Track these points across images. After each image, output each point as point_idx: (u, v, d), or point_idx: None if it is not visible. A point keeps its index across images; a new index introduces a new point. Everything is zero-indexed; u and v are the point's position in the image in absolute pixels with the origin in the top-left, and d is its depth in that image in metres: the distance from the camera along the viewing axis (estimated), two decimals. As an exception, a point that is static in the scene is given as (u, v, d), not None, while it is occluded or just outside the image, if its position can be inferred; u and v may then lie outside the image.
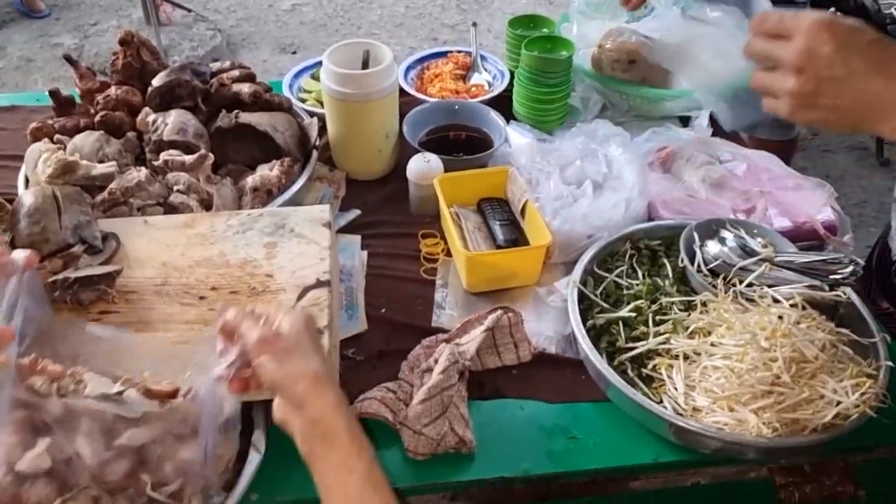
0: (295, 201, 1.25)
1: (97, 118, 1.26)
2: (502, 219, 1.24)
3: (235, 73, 1.38)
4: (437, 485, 0.93)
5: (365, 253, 1.24)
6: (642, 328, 1.04)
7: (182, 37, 3.78)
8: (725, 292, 1.06)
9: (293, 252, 1.05)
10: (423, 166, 1.27)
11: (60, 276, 0.95)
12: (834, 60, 0.72)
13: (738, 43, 1.49)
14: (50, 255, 1.00)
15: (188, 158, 1.21)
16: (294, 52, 3.85)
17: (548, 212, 1.19)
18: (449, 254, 1.24)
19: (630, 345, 1.03)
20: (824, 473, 0.97)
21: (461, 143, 1.42)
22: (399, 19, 4.14)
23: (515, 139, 1.36)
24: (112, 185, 1.14)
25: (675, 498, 1.01)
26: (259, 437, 0.90)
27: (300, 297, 0.99)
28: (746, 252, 1.10)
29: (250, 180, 1.22)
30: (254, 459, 0.87)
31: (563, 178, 1.26)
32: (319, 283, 1.00)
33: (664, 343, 1.02)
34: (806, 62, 0.74)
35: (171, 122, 1.26)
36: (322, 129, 1.37)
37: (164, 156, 1.22)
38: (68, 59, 1.39)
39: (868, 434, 0.94)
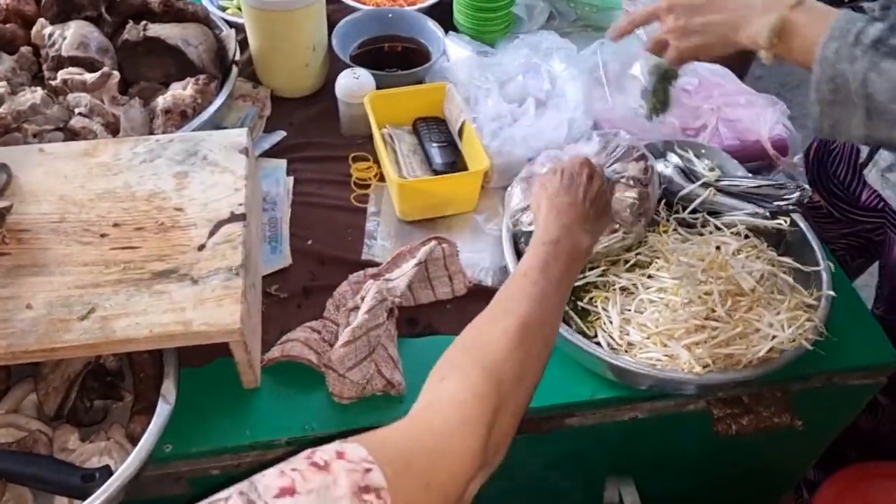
0: (213, 123, 1.15)
1: (-16, 32, 1.13)
2: (439, 140, 1.16)
3: (143, -22, 1.24)
4: (367, 429, 0.89)
5: (291, 179, 1.15)
6: (581, 259, 0.99)
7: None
8: (667, 220, 1.02)
9: (206, 182, 0.96)
10: (353, 83, 1.17)
11: (-60, 216, 0.86)
12: (690, 13, 0.84)
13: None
14: (-70, 191, 0.91)
15: (90, 77, 1.09)
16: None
17: (486, 133, 1.11)
18: (382, 179, 1.16)
19: (567, 277, 0.98)
20: (762, 404, 0.95)
21: (396, 56, 1.32)
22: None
23: (454, 52, 1.26)
24: (1, 110, 1.02)
25: (612, 432, 0.98)
26: (169, 388, 0.84)
27: (212, 233, 0.91)
28: (691, 176, 1.05)
29: (161, 101, 1.11)
30: (163, 411, 0.82)
31: (504, 96, 1.17)
32: (234, 217, 0.92)
33: (602, 276, 0.98)
34: (670, 3, 0.86)
35: (71, 35, 1.13)
36: (243, 43, 1.26)
37: (62, 74, 1.10)
38: (-50, -39, 1.23)
39: (805, 364, 0.91)
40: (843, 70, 0.73)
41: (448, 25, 1.35)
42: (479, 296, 1.02)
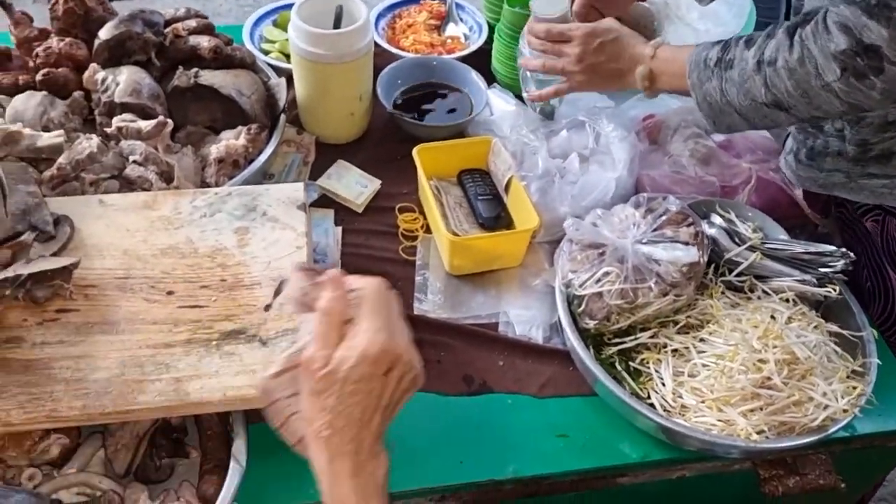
0: (262, 171, 1.16)
1: (39, 77, 1.13)
2: (484, 193, 1.18)
3: (192, 23, 1.25)
4: (425, 489, 0.91)
5: (339, 229, 1.17)
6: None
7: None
8: (715, 283, 1.04)
9: (267, 239, 0.97)
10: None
11: (11, 273, 0.86)
12: (596, 53, 1.10)
13: (727, 5, 1.44)
14: (-4, 245, 0.91)
15: (144, 125, 1.10)
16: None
17: (533, 190, 1.13)
18: (428, 230, 1.18)
19: (616, 340, 1.01)
20: (807, 466, 0.98)
21: (438, 104, 1.34)
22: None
23: (498, 104, 1.29)
24: (61, 160, 1.03)
25: (660, 491, 1.01)
26: (240, 449, 0.85)
27: (277, 292, 0.92)
28: (735, 238, 1.07)
29: (214, 150, 1.13)
30: (235, 473, 0.83)
31: (549, 150, 1.20)
32: (298, 276, 0.94)
33: (653, 338, 1.00)
34: (582, 56, 1.11)
35: (124, 81, 1.14)
36: (289, 86, 1.27)
37: (117, 122, 1.11)
38: (1, 2, 1.24)
39: (851, 428, 0.94)
40: (708, 89, 0.99)
41: (486, 72, 1.38)
42: (530, 352, 1.04)
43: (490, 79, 1.37)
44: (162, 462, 0.87)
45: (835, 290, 1.00)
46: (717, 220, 1.10)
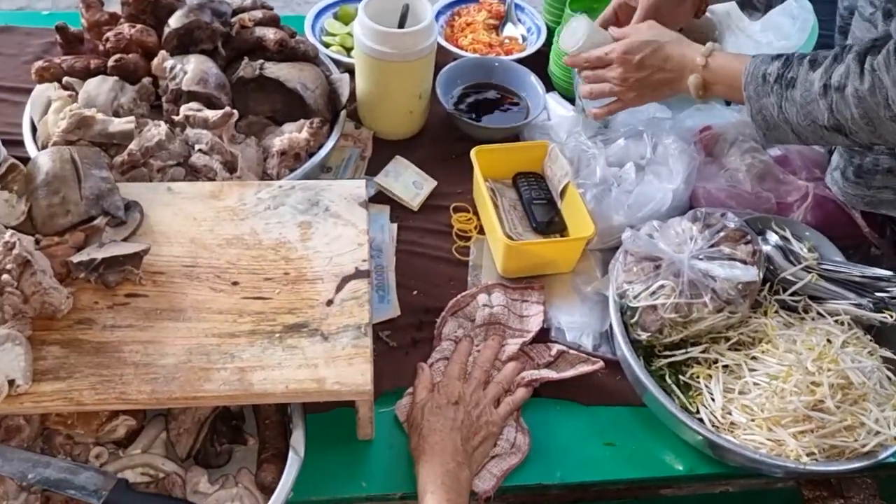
0: (321, 164, 1.18)
1: (112, 62, 1.16)
2: (539, 197, 1.19)
3: (258, 14, 1.27)
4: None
5: (395, 226, 1.18)
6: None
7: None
8: (769, 301, 1.04)
9: (329, 235, 0.99)
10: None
11: (86, 258, 0.89)
12: (638, 70, 1.10)
13: (791, 19, 1.42)
14: (70, 227, 0.94)
15: (211, 115, 1.12)
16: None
17: (589, 197, 1.14)
18: (481, 231, 1.19)
19: (667, 352, 1.01)
20: (852, 490, 0.98)
21: (495, 105, 1.34)
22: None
23: (555, 109, 1.29)
24: (132, 146, 1.06)
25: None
26: (298, 440, 0.87)
27: (338, 288, 0.94)
28: (790, 257, 1.07)
29: (277, 142, 1.15)
30: (294, 463, 0.85)
31: (606, 158, 1.20)
32: (358, 273, 0.95)
33: (704, 352, 1.01)
34: (623, 56, 1.09)
35: (192, 70, 1.16)
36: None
37: (184, 110, 1.13)
38: (74, -15, 1.27)
39: (897, 454, 0.95)
40: (765, 104, 0.98)
41: (543, 76, 1.38)
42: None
43: (547, 82, 1.37)
44: (222, 448, 0.89)
45: (891, 317, 1.00)
46: (772, 237, 1.10)
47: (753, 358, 0.98)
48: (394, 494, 0.91)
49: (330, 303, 0.92)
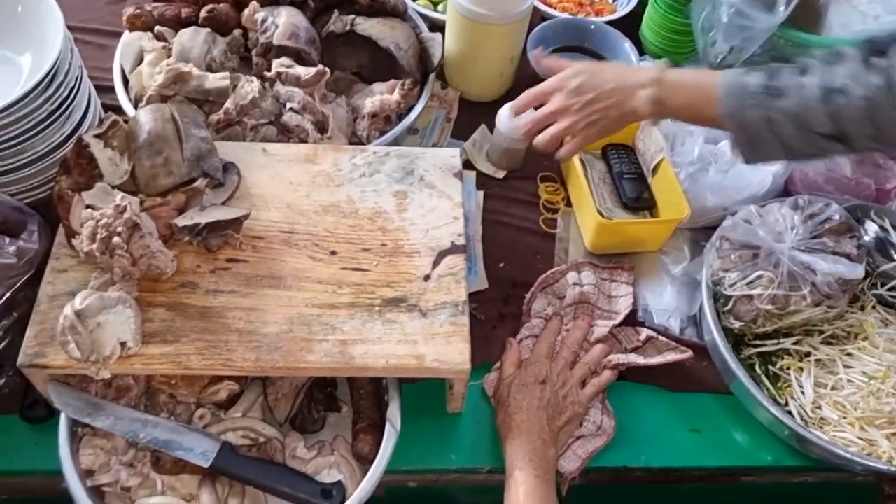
0: (409, 126, 1.16)
1: (204, 13, 1.14)
2: (629, 172, 1.17)
3: (348, -35, 1.23)
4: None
5: (481, 194, 1.17)
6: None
7: None
8: (867, 296, 1.02)
9: (425, 206, 0.98)
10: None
11: (190, 222, 0.90)
12: (579, 94, 0.99)
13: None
14: (172, 189, 0.94)
15: (304, 72, 1.10)
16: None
17: (683, 176, 1.11)
18: (569, 203, 1.17)
19: (758, 342, 1.00)
20: (934, 489, 0.98)
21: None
22: None
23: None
24: (228, 104, 1.05)
25: (781, 492, 1.03)
26: (394, 413, 0.88)
27: (435, 263, 0.94)
28: (891, 250, 1.04)
29: (368, 103, 1.13)
30: (391, 436, 0.87)
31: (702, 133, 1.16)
32: (455, 248, 0.95)
33: (796, 344, 1.00)
34: (566, 103, 1.00)
35: (283, 23, 1.14)
36: (438, 38, 1.25)
37: (276, 66, 1.11)
38: (161, -72, 1.23)
39: None
40: (747, 118, 0.88)
41: (635, 40, 1.33)
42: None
43: (639, 46, 1.32)
44: (318, 415, 0.91)
45: None
46: (871, 227, 1.07)
47: (849, 354, 0.97)
48: (482, 468, 0.93)
49: (427, 278, 0.92)
